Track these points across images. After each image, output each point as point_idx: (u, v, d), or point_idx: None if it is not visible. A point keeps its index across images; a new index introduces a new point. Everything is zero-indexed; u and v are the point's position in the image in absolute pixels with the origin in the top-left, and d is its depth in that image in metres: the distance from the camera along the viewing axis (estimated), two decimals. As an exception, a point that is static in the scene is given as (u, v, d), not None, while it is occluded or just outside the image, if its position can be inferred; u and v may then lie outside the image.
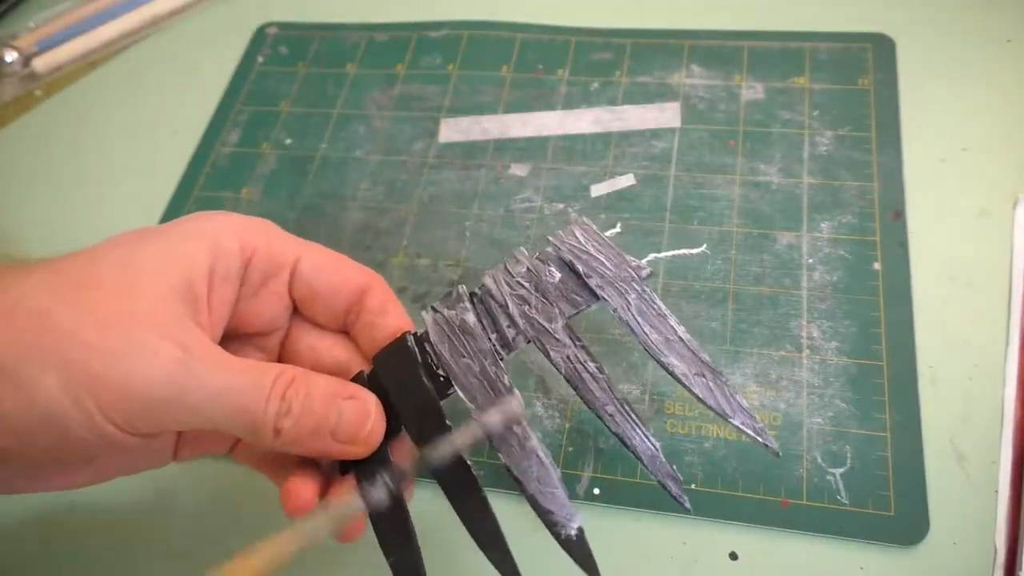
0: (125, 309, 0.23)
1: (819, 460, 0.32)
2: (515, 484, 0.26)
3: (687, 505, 0.26)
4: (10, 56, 0.52)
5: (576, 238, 0.28)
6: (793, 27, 0.45)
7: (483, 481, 0.34)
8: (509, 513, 0.34)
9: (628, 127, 0.43)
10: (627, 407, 0.26)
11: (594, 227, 0.29)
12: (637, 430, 0.26)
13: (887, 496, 0.31)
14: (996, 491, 0.31)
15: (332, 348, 0.29)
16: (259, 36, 0.52)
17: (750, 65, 0.44)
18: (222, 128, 0.48)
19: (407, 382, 0.27)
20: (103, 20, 0.54)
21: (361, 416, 0.26)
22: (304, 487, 0.27)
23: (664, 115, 0.43)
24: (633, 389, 0.35)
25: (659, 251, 0.39)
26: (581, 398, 0.27)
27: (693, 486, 0.33)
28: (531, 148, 0.44)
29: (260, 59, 0.51)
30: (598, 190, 0.41)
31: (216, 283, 0.25)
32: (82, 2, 0.55)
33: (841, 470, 0.32)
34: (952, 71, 0.42)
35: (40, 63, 0.53)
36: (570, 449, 0.34)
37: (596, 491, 0.33)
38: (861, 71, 0.43)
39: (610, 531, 0.33)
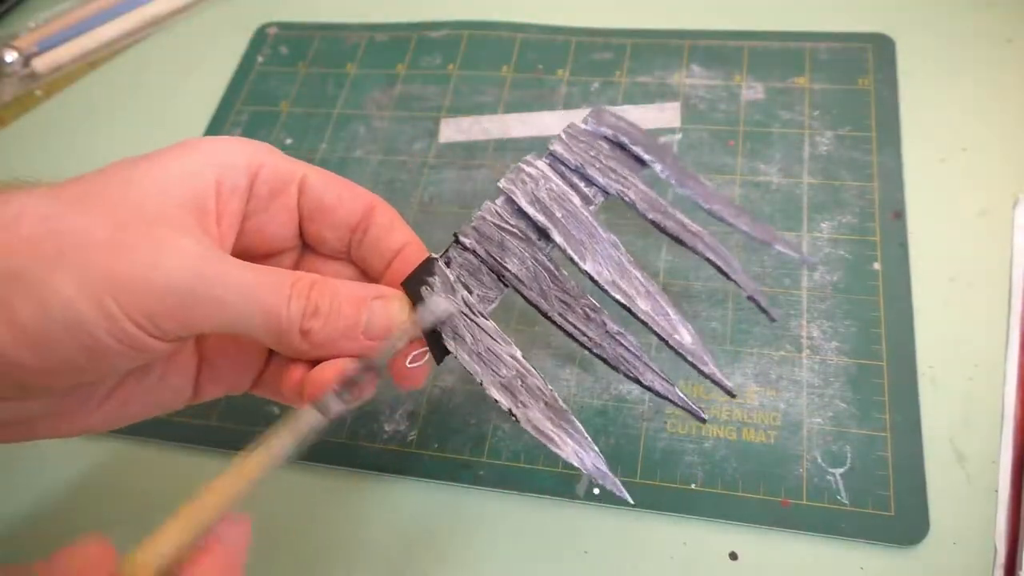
0: (137, 213, 0.22)
1: (819, 460, 0.32)
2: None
3: (773, 316, 0.29)
4: (10, 56, 0.52)
5: (607, 119, 0.30)
6: (793, 27, 0.45)
7: (484, 481, 0.34)
8: (510, 514, 0.34)
9: (628, 127, 0.43)
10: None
11: (612, 110, 0.31)
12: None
13: (887, 496, 0.31)
14: (996, 491, 0.31)
15: (339, 274, 0.29)
16: (259, 36, 0.52)
17: (750, 65, 0.44)
18: (222, 128, 0.48)
19: None
20: (103, 20, 0.54)
21: (392, 311, 0.26)
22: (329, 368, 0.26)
23: (664, 115, 0.43)
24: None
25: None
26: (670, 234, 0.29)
27: (693, 486, 0.33)
28: (531, 148, 0.43)
29: (260, 59, 0.51)
30: (598, 190, 0.41)
31: (224, 195, 0.25)
32: (82, 2, 0.55)
33: (841, 470, 0.32)
34: (952, 71, 0.42)
35: (40, 63, 0.53)
36: (570, 449, 0.34)
37: (596, 491, 0.33)
38: (861, 71, 0.43)
39: (610, 531, 0.33)
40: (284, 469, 0.36)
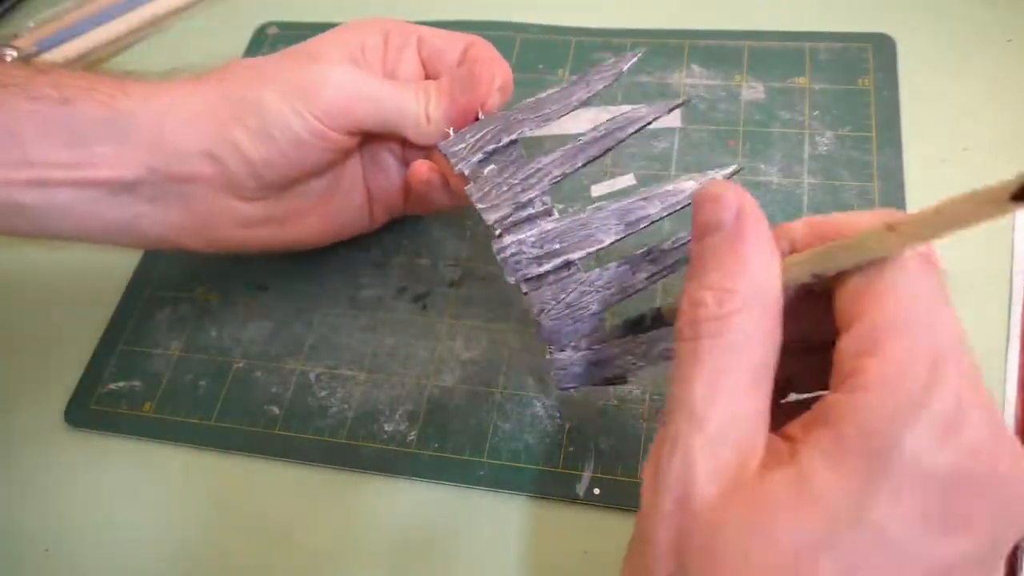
0: (310, 57, 0.33)
1: (819, 460, 0.32)
2: None
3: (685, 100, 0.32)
4: (10, 56, 0.52)
5: (459, 143, 0.32)
6: (793, 27, 0.45)
7: (484, 481, 0.34)
8: (510, 514, 0.34)
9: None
10: None
11: (449, 132, 0.33)
12: None
13: (887, 496, 0.31)
14: (996, 491, 0.31)
15: None
16: (259, 36, 0.52)
17: (750, 65, 0.44)
18: (222, 128, 0.48)
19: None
20: (103, 20, 0.54)
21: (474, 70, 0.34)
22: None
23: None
24: (633, 389, 0.35)
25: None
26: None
27: (693, 486, 0.33)
28: (531, 148, 0.43)
29: (260, 59, 0.51)
30: (598, 190, 0.41)
31: (367, 50, 0.35)
32: (82, 2, 0.55)
33: (841, 470, 0.32)
34: (952, 71, 0.42)
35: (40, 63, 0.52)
36: (570, 449, 0.34)
37: (596, 491, 0.33)
38: (861, 71, 0.43)
39: (610, 531, 0.33)
40: (283, 469, 0.36)
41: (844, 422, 0.18)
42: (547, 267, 0.29)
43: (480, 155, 0.31)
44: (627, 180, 0.41)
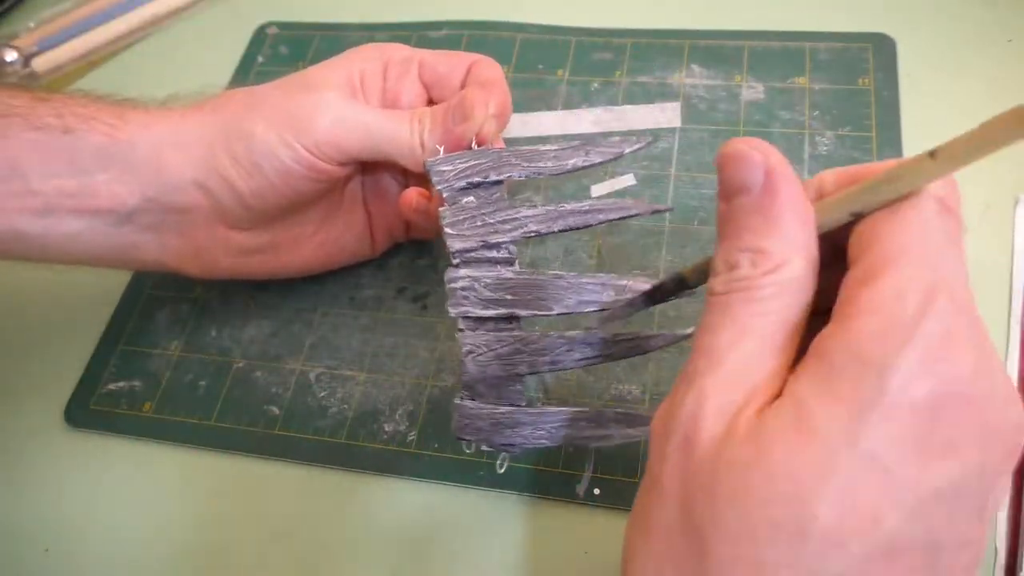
0: (304, 85, 0.33)
1: (819, 460, 0.32)
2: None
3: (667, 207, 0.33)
4: (10, 56, 0.52)
5: (445, 167, 0.31)
6: (793, 27, 0.45)
7: (484, 481, 0.34)
8: (509, 514, 0.34)
9: (628, 127, 0.43)
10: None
11: (440, 151, 0.33)
12: None
13: (887, 496, 0.31)
14: (996, 491, 0.31)
15: None
16: (259, 36, 0.52)
17: (750, 65, 0.44)
18: (222, 128, 0.48)
19: None
20: (103, 20, 0.54)
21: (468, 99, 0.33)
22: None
23: (664, 115, 0.43)
24: (633, 389, 0.35)
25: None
26: None
27: (693, 486, 0.33)
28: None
29: (260, 59, 0.51)
30: (598, 190, 0.41)
31: (366, 78, 0.34)
32: (82, 2, 0.55)
33: (841, 470, 0.32)
34: (952, 71, 0.42)
35: (40, 63, 0.52)
36: (570, 449, 0.34)
37: (596, 491, 0.33)
38: (861, 71, 0.43)
39: (610, 531, 0.33)
40: (283, 469, 0.36)
41: (833, 350, 0.18)
42: (491, 313, 0.29)
43: (464, 183, 0.31)
44: (627, 180, 0.41)
